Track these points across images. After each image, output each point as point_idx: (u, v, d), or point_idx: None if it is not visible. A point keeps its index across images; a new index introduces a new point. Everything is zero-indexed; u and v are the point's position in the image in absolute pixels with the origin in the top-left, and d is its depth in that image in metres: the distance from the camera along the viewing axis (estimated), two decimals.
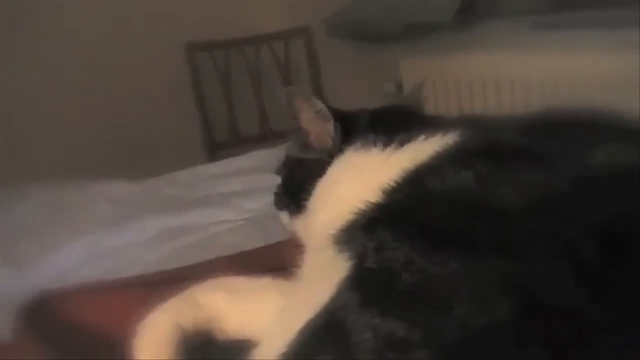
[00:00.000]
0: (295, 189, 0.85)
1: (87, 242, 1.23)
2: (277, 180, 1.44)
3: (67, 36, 2.42)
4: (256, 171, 1.53)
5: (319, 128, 0.83)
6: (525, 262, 0.48)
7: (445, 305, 0.47)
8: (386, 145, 0.75)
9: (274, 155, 1.70)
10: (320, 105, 0.83)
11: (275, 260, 0.86)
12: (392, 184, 0.63)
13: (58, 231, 1.28)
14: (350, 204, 0.63)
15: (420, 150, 0.70)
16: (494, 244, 0.50)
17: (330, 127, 0.82)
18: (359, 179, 0.73)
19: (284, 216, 0.90)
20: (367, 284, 0.52)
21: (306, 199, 0.82)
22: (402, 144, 0.74)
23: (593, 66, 1.97)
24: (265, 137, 2.65)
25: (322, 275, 0.59)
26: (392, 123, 0.81)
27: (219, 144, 2.69)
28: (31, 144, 2.34)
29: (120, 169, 1.90)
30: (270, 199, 1.32)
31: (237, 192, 1.39)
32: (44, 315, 0.87)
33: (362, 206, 0.61)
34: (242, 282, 0.76)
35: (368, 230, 0.57)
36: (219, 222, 1.19)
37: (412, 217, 0.56)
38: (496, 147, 0.62)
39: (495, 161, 0.59)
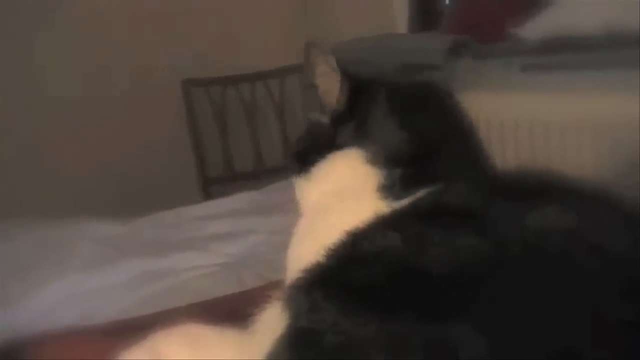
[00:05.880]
0: (307, 150, 0.80)
1: (68, 283, 1.23)
2: (260, 224, 1.45)
3: (65, 72, 2.46)
4: (241, 213, 1.55)
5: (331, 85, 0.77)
6: (447, 325, 0.48)
7: None
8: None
9: (263, 197, 1.72)
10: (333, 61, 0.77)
11: (244, 307, 0.86)
12: (335, 243, 0.63)
13: (40, 271, 1.29)
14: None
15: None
16: (416, 307, 0.51)
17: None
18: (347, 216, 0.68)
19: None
20: (297, 344, 0.54)
21: (312, 163, 0.78)
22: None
23: (583, 108, 1.98)
24: (259, 173, 2.67)
25: (266, 331, 0.61)
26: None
27: (213, 180, 2.70)
28: (24, 180, 2.36)
29: (115, 204, 1.92)
30: (248, 243, 1.34)
31: (219, 234, 1.39)
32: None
33: (309, 265, 0.62)
34: (203, 332, 0.77)
35: (305, 291, 0.58)
36: (193, 267, 1.20)
37: (343, 279, 0.58)
38: (439, 209, 0.63)
39: (430, 223, 0.60)
